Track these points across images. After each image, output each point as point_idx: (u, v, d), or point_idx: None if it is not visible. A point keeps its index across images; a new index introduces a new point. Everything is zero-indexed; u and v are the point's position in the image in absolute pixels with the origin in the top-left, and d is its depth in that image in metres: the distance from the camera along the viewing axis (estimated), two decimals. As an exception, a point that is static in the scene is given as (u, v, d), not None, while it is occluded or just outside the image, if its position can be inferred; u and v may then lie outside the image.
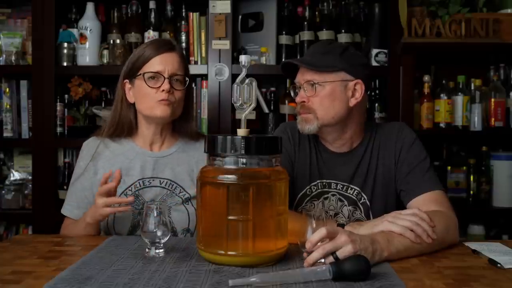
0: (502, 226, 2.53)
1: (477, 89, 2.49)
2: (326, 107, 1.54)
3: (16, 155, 2.65)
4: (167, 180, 1.66)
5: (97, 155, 1.68)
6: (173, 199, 1.66)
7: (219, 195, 1.20)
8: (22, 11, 2.60)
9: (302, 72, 1.58)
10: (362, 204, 1.60)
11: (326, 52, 1.58)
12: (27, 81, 2.52)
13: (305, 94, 1.56)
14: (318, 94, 1.54)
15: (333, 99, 1.55)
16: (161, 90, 1.59)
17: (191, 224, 1.65)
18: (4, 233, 2.58)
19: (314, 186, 1.63)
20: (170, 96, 1.60)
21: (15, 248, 1.40)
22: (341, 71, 1.55)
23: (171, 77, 1.61)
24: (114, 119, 1.69)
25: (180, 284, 1.07)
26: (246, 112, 1.28)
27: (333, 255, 1.17)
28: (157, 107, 1.60)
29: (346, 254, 1.17)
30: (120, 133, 1.69)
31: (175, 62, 1.63)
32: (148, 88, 1.60)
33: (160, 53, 1.61)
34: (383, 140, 1.63)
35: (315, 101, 1.55)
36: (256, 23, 2.55)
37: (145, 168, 1.66)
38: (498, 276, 1.15)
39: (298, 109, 1.60)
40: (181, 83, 1.65)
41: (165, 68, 1.60)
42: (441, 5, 2.28)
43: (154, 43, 1.66)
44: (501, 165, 2.51)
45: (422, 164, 1.57)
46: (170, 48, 1.64)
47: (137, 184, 1.65)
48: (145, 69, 1.61)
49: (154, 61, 1.61)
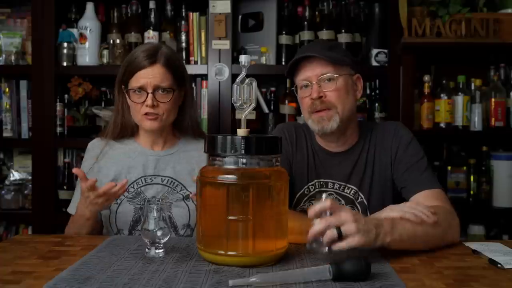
0: (502, 226, 2.53)
1: (477, 89, 2.49)
2: (344, 100, 1.54)
3: (16, 155, 2.65)
4: (168, 178, 1.69)
5: (102, 156, 1.71)
6: (174, 196, 1.68)
7: (219, 195, 1.20)
8: (22, 11, 2.60)
9: (312, 68, 1.55)
10: (359, 203, 1.61)
11: (331, 47, 1.59)
12: (27, 81, 2.52)
13: (320, 89, 1.54)
14: (336, 87, 1.53)
15: (347, 92, 1.56)
16: (145, 105, 1.60)
17: (191, 220, 1.67)
18: (4, 233, 2.58)
19: (312, 186, 1.63)
20: (156, 109, 1.61)
21: (15, 248, 1.40)
22: (348, 65, 1.58)
23: (154, 90, 1.61)
24: (116, 123, 1.71)
25: (180, 284, 1.07)
26: (246, 112, 1.27)
27: (337, 231, 1.17)
28: (145, 120, 1.63)
29: (348, 232, 1.16)
30: (124, 135, 1.73)
31: (158, 74, 1.61)
32: (133, 103, 1.63)
33: (142, 67, 1.60)
34: (380, 140, 1.63)
35: (333, 95, 1.53)
36: (256, 23, 2.55)
37: (147, 166, 1.69)
38: (498, 276, 1.15)
39: (315, 107, 1.54)
40: (168, 94, 1.63)
41: (147, 82, 1.60)
42: (441, 5, 2.28)
43: (142, 53, 1.63)
44: (501, 165, 2.51)
45: (420, 163, 1.57)
46: (152, 61, 1.61)
47: (139, 181, 1.68)
48: (131, 83, 1.63)
49: (137, 76, 1.61)
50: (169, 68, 1.64)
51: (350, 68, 1.59)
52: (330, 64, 1.53)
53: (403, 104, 2.35)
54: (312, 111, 1.56)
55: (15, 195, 2.54)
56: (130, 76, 1.63)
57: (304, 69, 1.56)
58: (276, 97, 2.57)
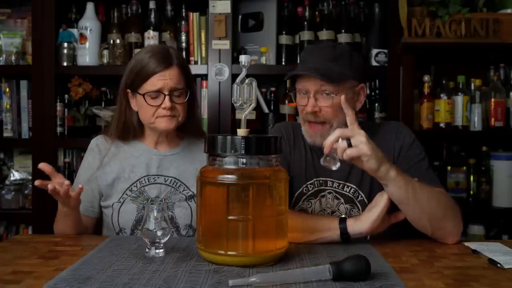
0: (502, 226, 2.53)
1: (477, 89, 2.49)
2: (340, 115, 1.51)
3: (16, 155, 2.65)
4: (171, 178, 1.69)
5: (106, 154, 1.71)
6: (177, 196, 1.68)
7: (219, 195, 1.20)
8: (22, 11, 2.60)
9: (312, 81, 1.52)
10: (359, 202, 1.61)
11: (335, 59, 1.54)
12: (27, 81, 2.52)
13: (316, 103, 1.53)
14: (333, 104, 1.51)
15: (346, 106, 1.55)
16: (162, 107, 1.60)
17: (193, 221, 1.67)
18: (4, 233, 2.58)
19: (311, 185, 1.63)
20: (172, 111, 1.61)
21: (15, 248, 1.40)
22: (350, 79, 1.55)
23: (171, 92, 1.61)
24: (119, 124, 1.70)
25: (180, 284, 1.07)
26: (246, 112, 1.28)
27: (348, 141, 1.30)
28: (160, 121, 1.62)
29: (358, 143, 1.29)
30: (126, 137, 1.72)
31: (175, 77, 1.61)
32: (149, 106, 1.61)
33: (159, 70, 1.60)
34: (381, 139, 1.63)
35: (329, 111, 1.52)
36: (256, 23, 2.55)
37: (150, 166, 1.69)
38: (498, 276, 1.15)
39: (309, 118, 1.55)
40: (183, 95, 1.65)
41: (165, 85, 1.60)
42: (441, 5, 2.28)
43: (153, 58, 1.62)
44: (501, 165, 2.51)
45: (422, 162, 1.57)
46: (169, 63, 1.61)
47: (142, 180, 1.68)
48: (145, 87, 1.61)
49: (154, 79, 1.60)
50: (182, 69, 1.65)
51: (354, 80, 1.55)
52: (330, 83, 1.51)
53: (403, 104, 2.35)
54: (306, 120, 1.57)
55: (15, 195, 2.54)
56: (142, 82, 1.61)
57: (304, 78, 1.55)
58: (276, 97, 2.57)
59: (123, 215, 1.66)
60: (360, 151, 1.29)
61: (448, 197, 1.47)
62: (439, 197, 1.42)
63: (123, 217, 1.66)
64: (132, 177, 1.68)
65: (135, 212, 1.66)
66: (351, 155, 1.30)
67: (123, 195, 1.66)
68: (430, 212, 1.39)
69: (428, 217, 1.39)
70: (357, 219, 1.42)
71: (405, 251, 1.36)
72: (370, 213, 1.41)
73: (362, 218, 1.42)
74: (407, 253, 1.34)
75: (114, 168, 1.69)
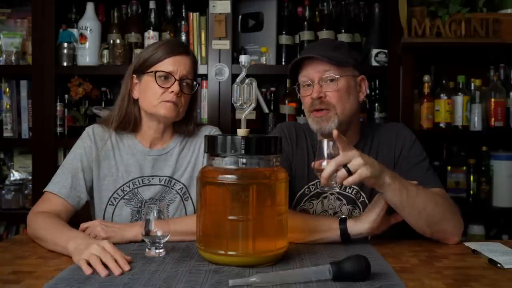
0: (502, 226, 2.53)
1: (477, 89, 2.49)
2: (344, 102, 1.55)
3: (16, 155, 2.65)
4: (166, 177, 1.67)
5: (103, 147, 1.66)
6: (172, 195, 1.67)
7: (219, 195, 1.20)
8: (22, 11, 2.60)
9: (314, 67, 1.55)
10: (361, 202, 1.61)
11: (335, 47, 1.59)
12: (27, 81, 2.52)
13: (321, 89, 1.55)
14: (337, 88, 1.54)
15: (349, 94, 1.57)
16: (170, 91, 1.59)
17: None
18: (4, 233, 2.58)
19: (312, 186, 1.63)
20: (177, 99, 1.60)
21: (15, 248, 1.40)
22: (351, 66, 1.58)
23: (181, 79, 1.61)
24: (120, 114, 1.67)
25: (180, 284, 1.07)
26: (246, 112, 1.28)
27: (345, 168, 1.27)
28: (162, 105, 1.60)
29: (355, 167, 1.26)
30: (126, 127, 1.68)
31: (187, 65, 1.63)
32: (157, 86, 1.59)
33: (175, 54, 1.61)
34: (382, 140, 1.64)
35: (333, 96, 1.54)
36: (256, 23, 2.55)
37: (144, 167, 1.67)
38: (498, 276, 1.15)
39: (315, 106, 1.55)
40: (190, 88, 1.65)
41: (177, 70, 1.60)
42: (441, 5, 2.28)
43: (169, 43, 1.66)
44: (501, 165, 2.51)
45: (423, 163, 1.58)
46: (184, 51, 1.64)
47: (136, 182, 1.66)
48: (157, 67, 1.61)
49: (168, 61, 1.61)
50: (194, 63, 1.68)
51: (354, 69, 1.59)
52: (333, 65, 1.54)
53: (403, 104, 2.35)
54: (312, 110, 1.57)
55: (15, 195, 2.54)
56: (156, 62, 1.61)
57: (307, 68, 1.57)
58: (276, 97, 2.57)
59: (117, 219, 1.63)
60: (361, 176, 1.28)
61: (446, 198, 1.47)
62: (437, 199, 1.41)
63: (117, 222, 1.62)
64: (125, 177, 1.65)
65: (129, 217, 1.64)
66: (354, 182, 1.28)
67: (114, 194, 1.63)
68: (427, 215, 1.39)
69: (426, 220, 1.39)
70: (357, 220, 1.42)
71: (405, 251, 1.36)
72: (370, 214, 1.42)
73: (362, 219, 1.42)
74: (407, 253, 1.34)
75: (108, 165, 1.65)
